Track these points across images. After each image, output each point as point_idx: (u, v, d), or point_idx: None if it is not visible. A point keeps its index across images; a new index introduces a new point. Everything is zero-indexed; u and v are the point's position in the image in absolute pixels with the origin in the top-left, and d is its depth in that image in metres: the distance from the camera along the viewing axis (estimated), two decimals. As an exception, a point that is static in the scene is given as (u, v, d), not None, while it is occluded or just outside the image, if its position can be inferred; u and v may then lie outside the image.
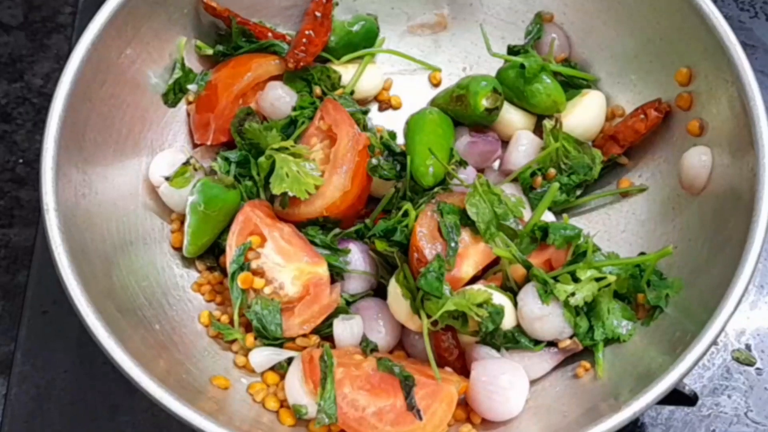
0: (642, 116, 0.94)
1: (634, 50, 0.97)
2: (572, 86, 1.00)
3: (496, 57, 0.98)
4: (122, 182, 0.92)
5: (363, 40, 1.03)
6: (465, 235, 0.87)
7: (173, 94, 0.98)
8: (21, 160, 1.12)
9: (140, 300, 0.87)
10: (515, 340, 0.86)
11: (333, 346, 0.87)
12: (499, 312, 0.84)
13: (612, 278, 0.85)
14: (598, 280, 0.85)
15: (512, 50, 1.02)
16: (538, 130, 0.99)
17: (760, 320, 0.98)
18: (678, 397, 0.89)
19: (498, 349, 0.86)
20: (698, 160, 0.90)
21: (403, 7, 1.05)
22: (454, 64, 1.05)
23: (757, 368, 0.96)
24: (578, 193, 0.96)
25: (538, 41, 1.01)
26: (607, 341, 0.86)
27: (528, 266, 0.86)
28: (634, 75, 0.98)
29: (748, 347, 0.97)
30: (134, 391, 0.75)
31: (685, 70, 0.92)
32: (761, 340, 0.97)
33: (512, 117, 0.99)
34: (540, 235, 0.87)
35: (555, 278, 0.86)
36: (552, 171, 0.95)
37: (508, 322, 0.85)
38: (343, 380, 0.81)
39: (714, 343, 0.76)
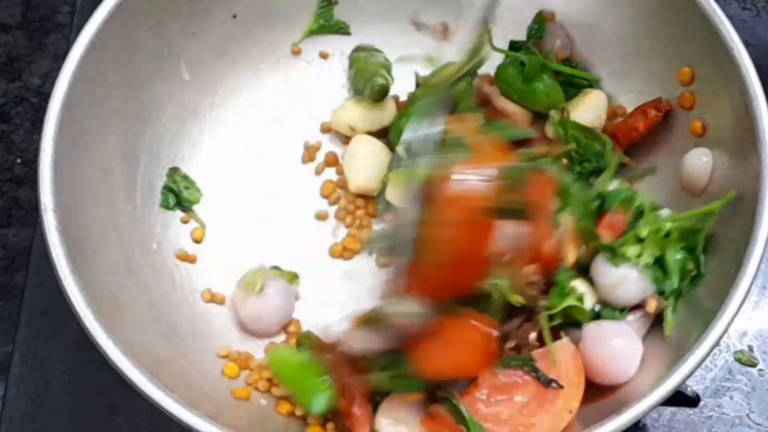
0: (641, 115, 0.94)
1: (636, 50, 0.97)
2: (573, 86, 0.99)
3: (497, 52, 0.98)
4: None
5: None
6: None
7: (172, 94, 0.97)
8: (19, 160, 1.11)
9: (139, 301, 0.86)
10: (599, 316, 0.85)
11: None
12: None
13: (668, 225, 0.83)
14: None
15: (514, 46, 1.01)
16: (535, 125, 0.98)
17: (763, 322, 0.98)
18: (680, 398, 0.89)
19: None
20: (699, 161, 0.89)
21: (404, 6, 1.04)
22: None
23: (760, 369, 0.96)
24: (591, 181, 0.95)
25: (539, 40, 1.00)
26: (678, 295, 0.84)
27: (595, 237, 0.85)
28: (635, 74, 0.97)
29: (750, 348, 0.97)
30: (133, 393, 0.75)
31: (687, 69, 0.92)
32: (764, 342, 0.97)
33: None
34: (597, 205, 0.87)
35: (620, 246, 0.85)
36: (564, 161, 0.94)
37: (588, 303, 0.85)
38: (474, 406, 0.78)
39: (717, 344, 0.76)
